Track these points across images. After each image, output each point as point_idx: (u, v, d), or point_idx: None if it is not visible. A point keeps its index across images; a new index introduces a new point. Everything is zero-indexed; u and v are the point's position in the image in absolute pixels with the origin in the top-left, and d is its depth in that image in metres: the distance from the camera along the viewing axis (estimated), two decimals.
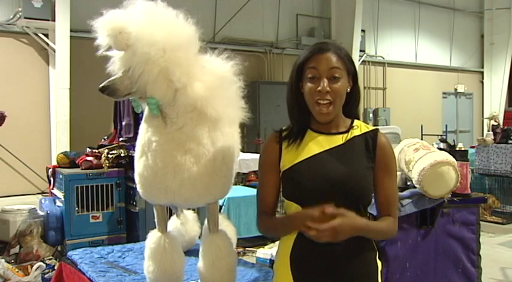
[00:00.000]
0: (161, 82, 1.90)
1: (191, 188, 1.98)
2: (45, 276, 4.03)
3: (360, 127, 1.63)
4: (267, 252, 4.39)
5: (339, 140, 1.60)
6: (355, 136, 1.61)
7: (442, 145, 4.65)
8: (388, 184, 1.61)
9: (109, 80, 1.94)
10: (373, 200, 1.64)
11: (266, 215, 1.66)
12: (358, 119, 1.68)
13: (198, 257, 2.21)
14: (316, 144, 1.60)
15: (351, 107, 1.64)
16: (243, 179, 7.08)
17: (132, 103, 2.12)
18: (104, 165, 4.57)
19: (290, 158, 1.61)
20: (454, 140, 5.82)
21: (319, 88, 1.54)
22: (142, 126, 2.07)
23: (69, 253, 2.99)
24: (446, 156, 2.99)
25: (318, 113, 1.56)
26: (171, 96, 1.93)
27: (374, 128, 1.65)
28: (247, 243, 5.26)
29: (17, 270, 4.02)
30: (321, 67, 1.55)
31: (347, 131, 1.62)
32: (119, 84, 1.93)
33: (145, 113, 2.08)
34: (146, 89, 1.92)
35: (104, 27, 1.90)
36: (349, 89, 1.60)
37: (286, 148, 1.63)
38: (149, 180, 2.02)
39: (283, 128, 1.68)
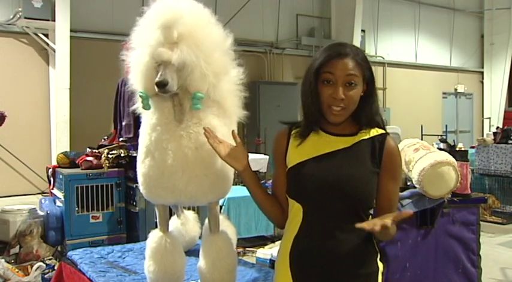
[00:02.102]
0: (211, 77, 1.91)
1: (197, 185, 1.97)
2: (45, 276, 4.03)
3: (369, 131, 1.61)
4: (267, 252, 4.40)
5: (346, 142, 1.60)
6: (363, 140, 1.60)
7: (442, 145, 4.66)
8: (392, 189, 1.61)
9: (164, 74, 1.83)
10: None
11: None
12: (375, 124, 1.63)
13: (198, 257, 2.21)
14: (323, 145, 1.60)
15: (362, 111, 1.60)
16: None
17: (141, 101, 1.99)
18: (104, 165, 4.57)
19: (296, 156, 1.62)
20: (454, 140, 5.82)
21: (333, 95, 1.53)
22: (146, 127, 2.03)
23: (69, 253, 2.99)
24: (446, 157, 3.00)
25: (330, 114, 1.56)
26: (210, 90, 1.94)
27: (383, 132, 1.63)
28: (247, 243, 5.26)
29: (17, 270, 4.02)
30: (337, 73, 1.54)
31: (355, 134, 1.61)
32: (172, 79, 1.85)
33: (150, 113, 2.01)
34: (192, 84, 1.88)
35: (159, 18, 1.83)
36: (362, 93, 1.58)
37: (293, 145, 1.65)
38: (155, 179, 1.99)
39: (295, 122, 1.69)
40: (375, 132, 1.62)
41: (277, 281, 1.66)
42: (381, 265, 1.63)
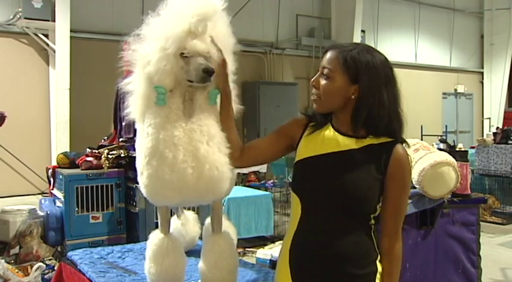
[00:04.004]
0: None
1: (206, 181, 1.90)
2: (45, 276, 4.03)
3: (379, 136, 1.58)
4: (267, 252, 4.40)
5: (354, 144, 1.59)
6: (372, 144, 1.58)
7: (442, 145, 4.67)
8: (398, 198, 1.59)
9: (206, 62, 1.84)
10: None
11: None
12: (382, 134, 1.59)
13: (198, 257, 2.20)
14: (330, 143, 1.61)
15: (357, 114, 1.57)
16: (243, 179, 7.08)
17: (156, 95, 1.89)
18: (103, 165, 4.57)
19: (305, 149, 1.65)
20: (454, 141, 5.82)
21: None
22: (149, 128, 1.92)
23: (69, 253, 2.98)
24: (446, 157, 3.00)
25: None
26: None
27: (392, 139, 1.59)
28: (247, 243, 5.26)
29: (17, 270, 4.02)
30: (320, 63, 1.63)
31: (365, 137, 1.59)
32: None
33: (151, 113, 1.92)
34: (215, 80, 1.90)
35: (196, 9, 1.82)
36: (353, 96, 1.57)
37: (306, 136, 1.68)
38: (163, 180, 1.89)
39: (311, 114, 1.72)
40: (384, 138, 1.59)
41: (276, 276, 1.69)
42: (380, 266, 1.62)
